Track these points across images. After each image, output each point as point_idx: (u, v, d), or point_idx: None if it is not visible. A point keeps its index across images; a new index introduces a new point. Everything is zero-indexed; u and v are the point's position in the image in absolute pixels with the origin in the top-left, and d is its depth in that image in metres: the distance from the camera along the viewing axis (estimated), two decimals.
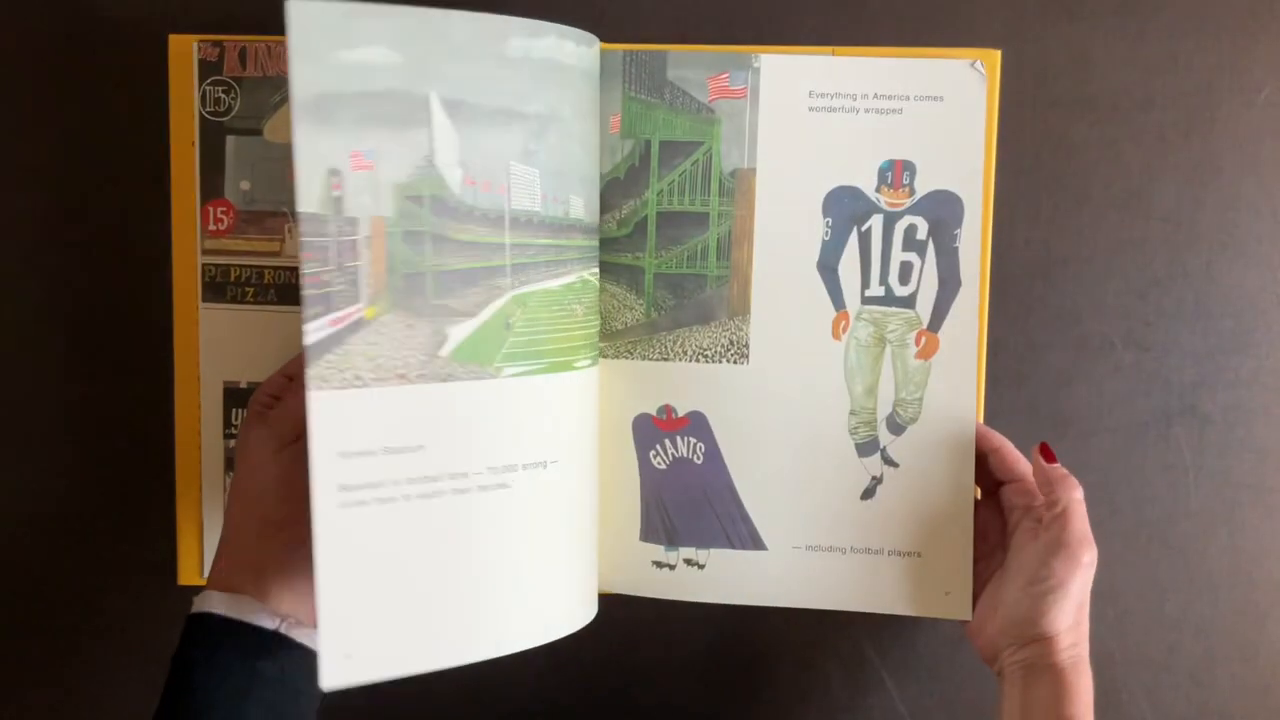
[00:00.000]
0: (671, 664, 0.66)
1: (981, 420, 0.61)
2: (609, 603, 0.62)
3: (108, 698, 0.66)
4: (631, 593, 0.62)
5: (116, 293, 0.64)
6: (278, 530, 0.53)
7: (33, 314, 0.64)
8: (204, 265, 0.61)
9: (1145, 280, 0.64)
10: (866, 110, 0.59)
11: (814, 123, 0.59)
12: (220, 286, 0.61)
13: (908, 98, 0.59)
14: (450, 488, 0.53)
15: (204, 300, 0.61)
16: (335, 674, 0.50)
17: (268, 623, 0.52)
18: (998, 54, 0.60)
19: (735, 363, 0.60)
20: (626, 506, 0.62)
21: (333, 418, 0.49)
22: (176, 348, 0.62)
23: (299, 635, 0.52)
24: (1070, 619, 0.55)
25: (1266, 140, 0.63)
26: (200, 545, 0.63)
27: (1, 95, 0.63)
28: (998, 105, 0.60)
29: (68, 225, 0.63)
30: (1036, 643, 0.55)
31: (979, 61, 0.59)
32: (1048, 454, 0.57)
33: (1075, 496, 0.56)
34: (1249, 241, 0.64)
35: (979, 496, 0.61)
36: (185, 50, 0.60)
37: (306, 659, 0.53)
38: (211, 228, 0.61)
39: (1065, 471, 0.57)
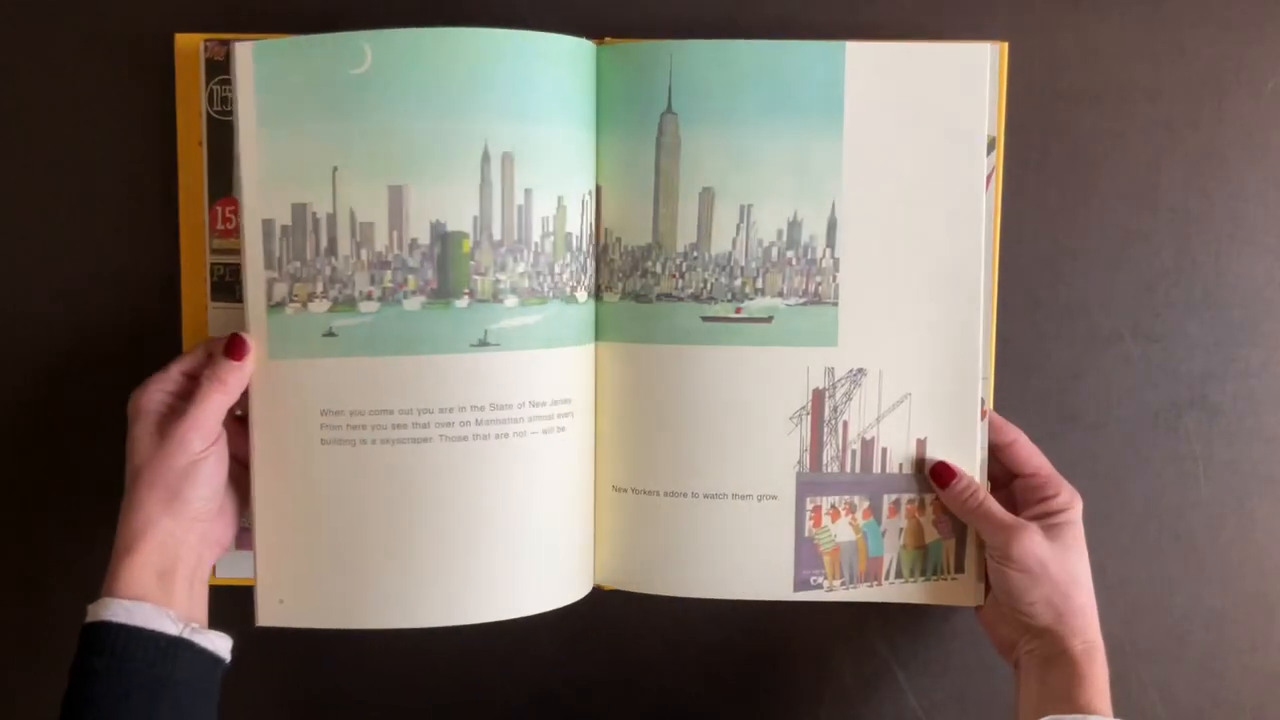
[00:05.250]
0: (682, 659, 0.66)
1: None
2: (618, 596, 0.62)
3: None
4: (635, 590, 0.62)
5: (124, 293, 0.64)
6: (194, 524, 0.55)
7: (39, 314, 0.64)
8: (212, 264, 0.61)
9: (1153, 271, 0.64)
10: None
11: None
12: (229, 285, 0.61)
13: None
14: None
15: (212, 299, 0.61)
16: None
17: (170, 629, 0.52)
18: (1004, 46, 0.60)
19: None
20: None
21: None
22: (185, 347, 0.62)
23: (201, 640, 0.53)
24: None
25: (1274, 130, 0.63)
26: None
27: (8, 95, 0.63)
28: (1005, 96, 0.60)
29: (74, 225, 0.63)
30: (1048, 633, 0.56)
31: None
32: (935, 476, 0.60)
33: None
34: (1257, 232, 0.64)
35: (989, 487, 0.61)
36: (192, 49, 0.60)
37: (209, 663, 0.53)
38: (220, 227, 0.61)
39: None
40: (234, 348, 0.56)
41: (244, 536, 0.60)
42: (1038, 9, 0.63)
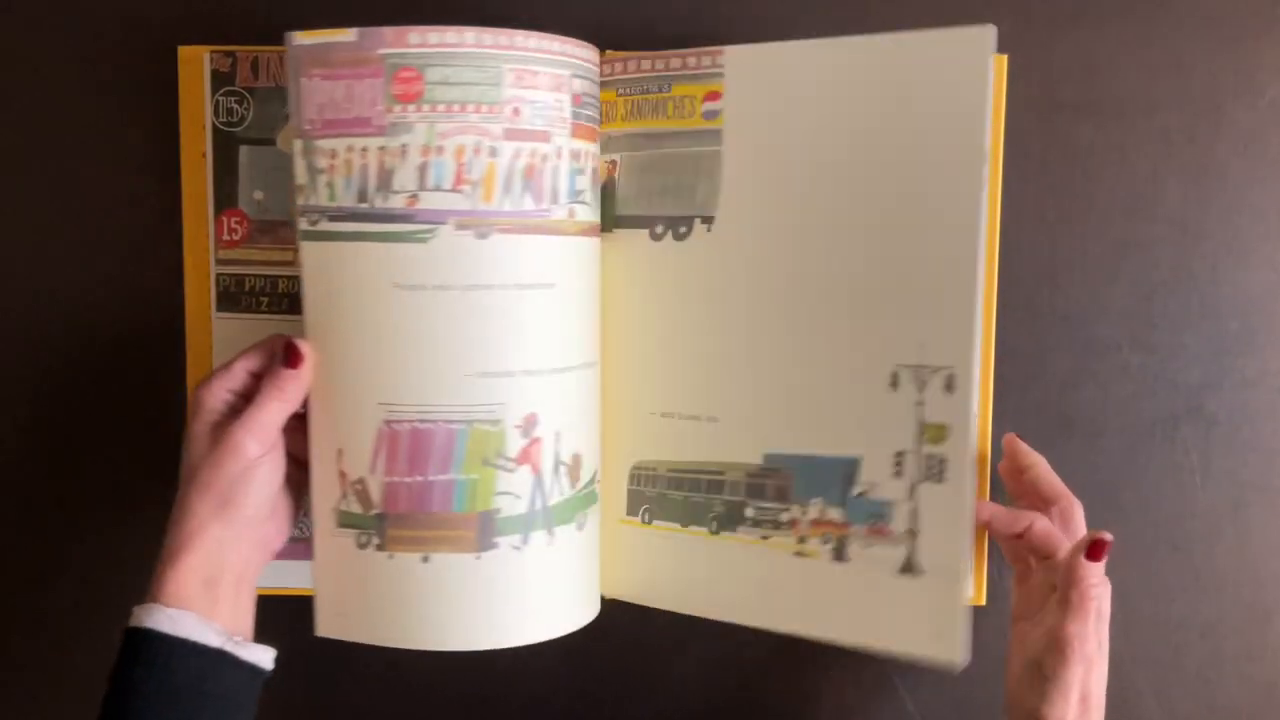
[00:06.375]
0: (679, 667, 0.67)
1: (989, 424, 0.62)
2: (615, 605, 0.62)
3: None
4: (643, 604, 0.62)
5: (129, 303, 0.64)
6: (245, 529, 0.53)
7: (45, 323, 0.64)
8: (218, 275, 0.61)
9: (1151, 282, 0.64)
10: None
11: None
12: (234, 296, 0.62)
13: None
14: None
15: (218, 310, 0.62)
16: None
17: (213, 641, 0.51)
18: (1004, 59, 0.60)
19: None
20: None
21: None
22: (189, 357, 0.62)
23: (243, 653, 0.52)
24: (1071, 712, 0.53)
25: (1271, 142, 0.63)
26: None
27: (14, 105, 0.63)
28: (1004, 108, 0.60)
29: (80, 235, 0.64)
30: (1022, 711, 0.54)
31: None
32: (1095, 551, 0.54)
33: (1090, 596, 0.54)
34: (1254, 243, 0.64)
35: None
36: (195, 61, 0.61)
37: (250, 676, 0.52)
38: (225, 238, 0.61)
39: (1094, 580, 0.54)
40: (289, 356, 0.54)
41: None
42: (1037, 22, 0.63)
